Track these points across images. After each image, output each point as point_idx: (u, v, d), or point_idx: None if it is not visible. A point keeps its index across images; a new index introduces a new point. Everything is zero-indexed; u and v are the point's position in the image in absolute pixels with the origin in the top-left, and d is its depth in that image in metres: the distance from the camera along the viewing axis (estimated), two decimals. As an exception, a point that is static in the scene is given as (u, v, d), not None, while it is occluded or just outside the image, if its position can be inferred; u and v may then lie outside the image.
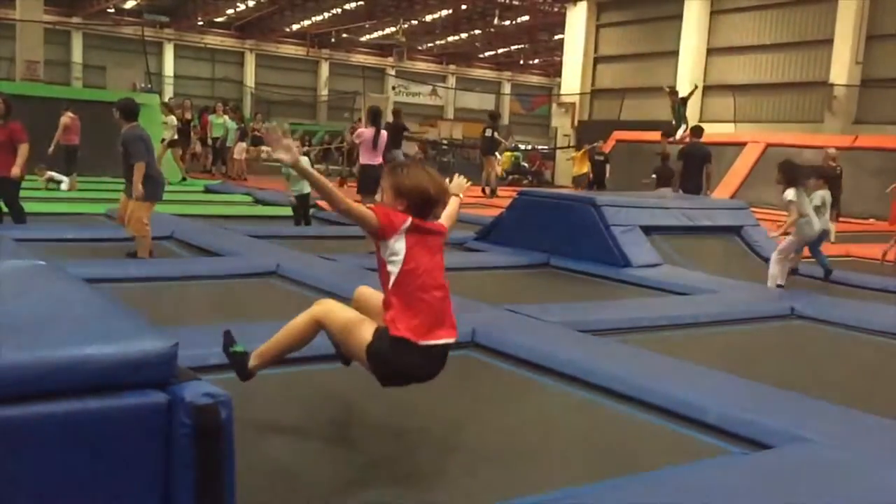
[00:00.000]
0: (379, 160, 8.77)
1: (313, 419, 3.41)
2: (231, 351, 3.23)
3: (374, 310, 3.10)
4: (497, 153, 18.09)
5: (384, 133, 9.05)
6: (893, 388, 4.68)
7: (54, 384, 1.89)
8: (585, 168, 18.14)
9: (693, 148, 12.35)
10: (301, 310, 3.24)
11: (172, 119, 15.95)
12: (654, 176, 14.34)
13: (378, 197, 3.12)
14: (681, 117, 17.87)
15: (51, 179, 13.15)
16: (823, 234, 7.89)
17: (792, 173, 7.41)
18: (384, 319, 2.96)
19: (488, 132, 16.20)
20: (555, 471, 3.15)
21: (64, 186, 13.11)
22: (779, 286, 7.34)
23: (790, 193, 7.33)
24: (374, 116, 9.16)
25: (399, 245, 2.93)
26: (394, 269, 2.94)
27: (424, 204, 2.98)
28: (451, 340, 3.01)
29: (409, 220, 2.93)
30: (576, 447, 3.46)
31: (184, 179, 15.77)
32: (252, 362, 3.17)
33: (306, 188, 9.83)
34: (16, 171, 7.80)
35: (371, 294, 3.26)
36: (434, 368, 3.02)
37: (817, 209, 7.86)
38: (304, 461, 3.04)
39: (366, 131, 8.98)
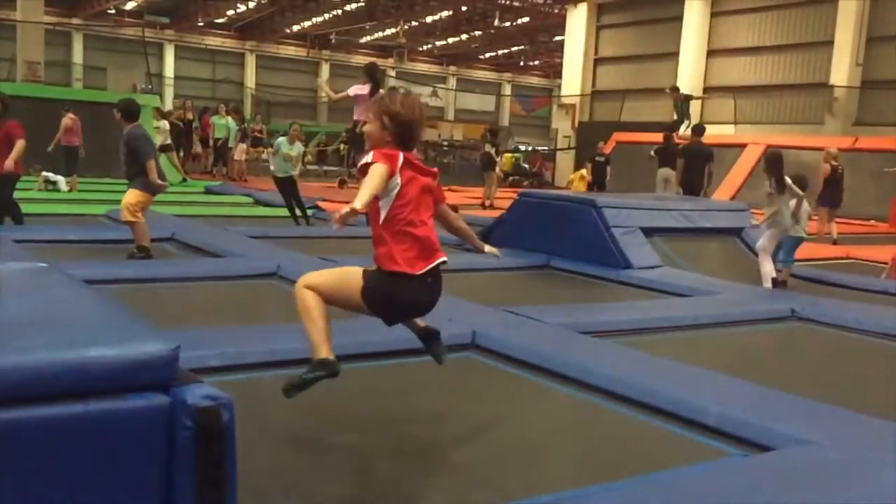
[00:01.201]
0: None
1: (312, 421, 3.41)
2: (309, 376, 3.11)
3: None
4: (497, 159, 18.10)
5: (382, 92, 8.82)
6: (894, 390, 4.68)
7: (55, 387, 1.89)
8: (583, 186, 18.17)
9: (695, 147, 12.35)
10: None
11: (165, 124, 15.88)
12: (652, 153, 14.41)
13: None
14: (683, 114, 17.84)
15: (46, 181, 13.06)
16: (800, 241, 7.88)
17: (778, 166, 7.58)
18: (375, 256, 3.02)
19: (488, 148, 16.35)
20: (555, 473, 3.16)
21: (62, 187, 13.03)
22: (774, 281, 7.44)
23: (771, 187, 7.50)
24: (372, 72, 8.89)
25: (394, 181, 2.97)
26: (385, 205, 2.99)
27: (410, 134, 3.03)
28: (443, 259, 3.09)
29: (401, 155, 2.96)
30: (576, 449, 3.46)
31: (184, 180, 15.77)
32: (319, 355, 3.07)
33: (291, 170, 9.88)
34: (9, 163, 7.69)
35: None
36: (434, 293, 3.11)
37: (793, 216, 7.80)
38: (302, 463, 3.04)
39: (362, 87, 8.76)
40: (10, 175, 7.87)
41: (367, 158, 2.94)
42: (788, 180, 7.58)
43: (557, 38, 32.52)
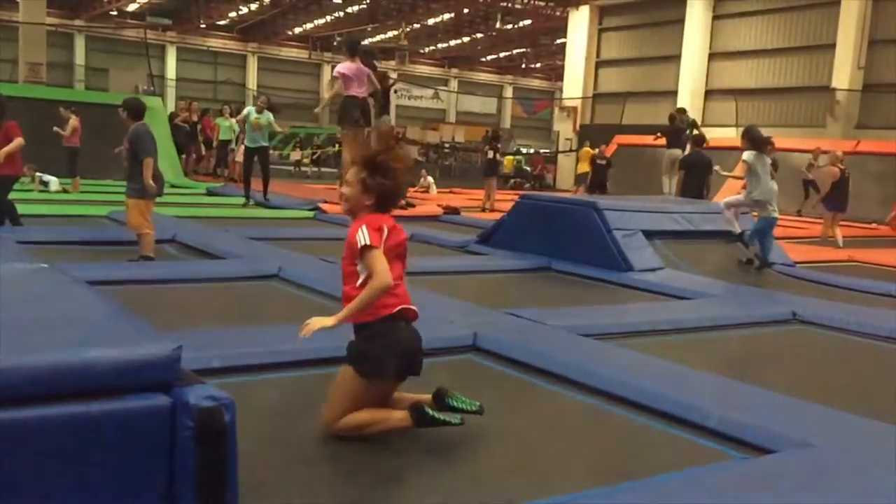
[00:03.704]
0: (364, 92, 8.50)
1: (312, 422, 3.40)
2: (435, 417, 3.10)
3: None
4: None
5: (364, 68, 8.70)
6: (895, 393, 4.68)
7: (57, 387, 1.90)
8: (588, 167, 18.15)
9: (695, 157, 12.35)
10: (302, 314, 3.26)
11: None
12: (659, 133, 14.45)
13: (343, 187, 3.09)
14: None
15: (40, 181, 12.88)
16: (773, 222, 8.50)
17: (755, 139, 8.29)
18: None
19: (490, 153, 16.20)
20: (556, 476, 3.15)
21: (53, 187, 12.89)
22: (740, 235, 8.27)
23: (749, 156, 8.22)
24: (352, 46, 8.77)
25: None
26: (364, 270, 3.01)
27: (392, 201, 3.04)
28: (415, 311, 3.08)
29: (385, 228, 2.95)
30: (577, 452, 3.45)
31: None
32: (409, 419, 3.08)
33: (264, 141, 9.94)
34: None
35: None
36: (417, 338, 3.07)
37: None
38: (302, 464, 3.04)
39: (344, 65, 8.63)
40: (8, 176, 7.82)
41: (362, 236, 2.90)
42: (768, 159, 8.36)
43: (559, 40, 32.57)
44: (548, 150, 30.21)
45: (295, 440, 3.29)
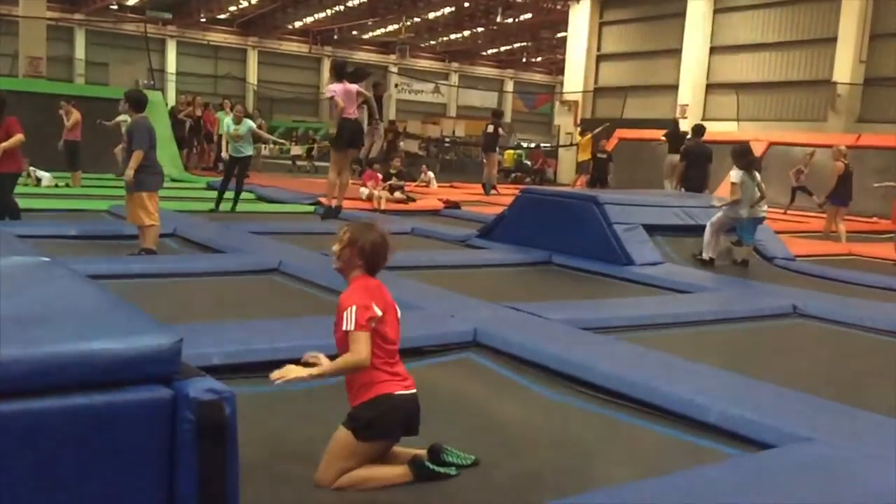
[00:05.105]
0: (355, 113, 8.52)
1: (312, 419, 3.41)
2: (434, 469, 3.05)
3: None
4: (498, 149, 17.87)
5: (351, 87, 8.70)
6: (895, 386, 4.68)
7: (58, 379, 1.90)
8: (589, 154, 18.11)
9: (696, 147, 12.34)
10: (302, 307, 3.25)
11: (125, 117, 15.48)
12: (662, 137, 14.49)
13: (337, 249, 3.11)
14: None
15: (32, 176, 12.87)
16: (760, 220, 8.54)
17: (744, 158, 8.30)
18: (352, 388, 2.99)
19: (490, 128, 15.93)
20: (558, 472, 3.16)
21: (45, 183, 12.77)
22: (711, 259, 8.19)
23: (735, 175, 8.21)
24: (339, 70, 8.80)
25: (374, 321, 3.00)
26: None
27: (378, 265, 3.10)
28: (414, 391, 3.07)
29: (376, 315, 2.96)
30: (578, 447, 3.46)
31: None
32: (420, 465, 3.02)
33: (246, 150, 9.90)
34: None
35: None
36: (415, 401, 3.04)
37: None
38: (302, 460, 3.04)
39: (335, 87, 8.64)
40: (10, 174, 7.80)
41: (348, 320, 2.90)
42: (758, 176, 8.29)
43: (560, 34, 32.47)
44: (548, 145, 30.15)
45: (295, 435, 3.29)
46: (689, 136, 13.43)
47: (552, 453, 3.34)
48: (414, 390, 3.05)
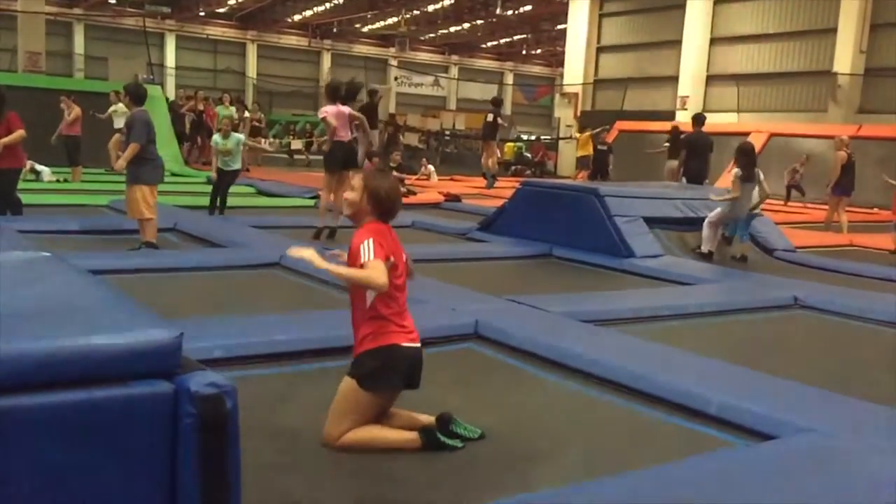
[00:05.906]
0: (347, 136, 8.50)
1: (312, 412, 3.41)
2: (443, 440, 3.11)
3: None
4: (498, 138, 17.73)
5: (344, 109, 8.67)
6: (896, 377, 4.68)
7: (60, 374, 1.90)
8: (589, 150, 18.08)
9: (696, 137, 12.32)
10: (304, 300, 3.26)
11: (121, 107, 15.32)
12: (666, 144, 14.47)
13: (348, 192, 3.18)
14: None
15: (31, 170, 12.84)
16: (753, 217, 8.57)
17: (747, 158, 8.23)
18: (359, 335, 3.05)
19: (489, 117, 15.81)
20: (558, 464, 3.16)
21: (45, 177, 12.74)
22: (710, 252, 8.18)
23: (737, 173, 8.15)
24: (333, 93, 8.79)
25: (388, 263, 3.04)
26: (372, 296, 3.05)
27: (390, 214, 3.16)
28: (419, 345, 3.14)
29: (390, 258, 3.01)
30: (579, 439, 3.46)
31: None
32: (420, 441, 3.08)
33: (235, 164, 9.80)
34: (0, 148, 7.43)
35: None
36: (418, 351, 3.10)
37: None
38: (303, 455, 3.04)
39: (328, 109, 8.64)
40: (11, 170, 7.78)
41: (365, 251, 2.93)
42: (761, 175, 8.23)
43: (560, 26, 32.39)
44: (549, 137, 30.09)
45: (295, 430, 3.30)
46: (683, 136, 13.44)
47: (554, 437, 3.34)
48: (419, 344, 3.10)
